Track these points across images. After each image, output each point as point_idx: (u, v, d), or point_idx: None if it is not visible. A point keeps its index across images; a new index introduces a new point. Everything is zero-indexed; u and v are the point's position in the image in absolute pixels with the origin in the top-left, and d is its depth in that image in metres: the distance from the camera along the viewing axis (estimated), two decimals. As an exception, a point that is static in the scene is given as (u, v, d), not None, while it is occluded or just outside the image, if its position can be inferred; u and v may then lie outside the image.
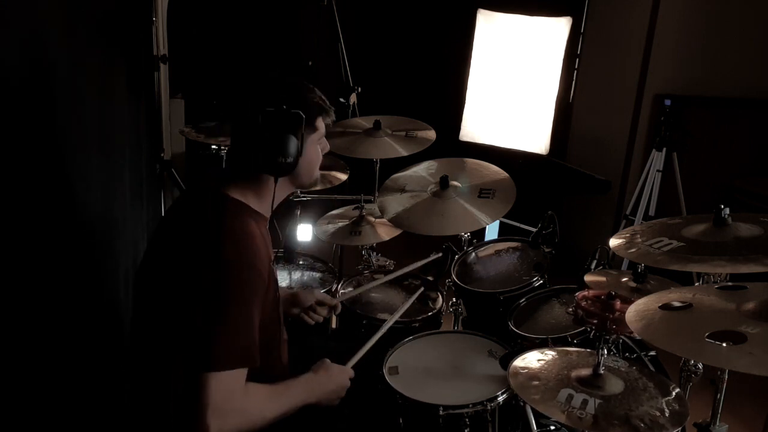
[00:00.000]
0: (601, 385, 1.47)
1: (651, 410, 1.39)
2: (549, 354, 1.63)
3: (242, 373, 1.38)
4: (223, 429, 1.34)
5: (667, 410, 1.39)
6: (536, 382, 1.50)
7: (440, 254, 2.33)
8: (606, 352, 1.53)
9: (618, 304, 1.65)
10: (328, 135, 2.69)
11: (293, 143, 1.47)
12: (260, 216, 1.54)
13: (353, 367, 1.70)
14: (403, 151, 2.58)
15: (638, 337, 1.74)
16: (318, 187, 2.68)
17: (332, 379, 1.61)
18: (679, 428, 1.38)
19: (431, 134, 2.68)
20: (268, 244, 1.55)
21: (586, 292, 1.73)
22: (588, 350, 1.65)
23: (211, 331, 1.34)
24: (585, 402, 1.41)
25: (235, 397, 1.36)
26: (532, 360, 1.61)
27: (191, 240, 1.43)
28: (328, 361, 1.64)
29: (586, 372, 1.51)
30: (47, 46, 1.71)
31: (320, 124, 1.57)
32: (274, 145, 1.46)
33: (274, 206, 1.57)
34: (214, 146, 2.90)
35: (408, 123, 2.76)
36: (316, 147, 1.59)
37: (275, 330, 1.59)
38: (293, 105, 1.48)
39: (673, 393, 1.45)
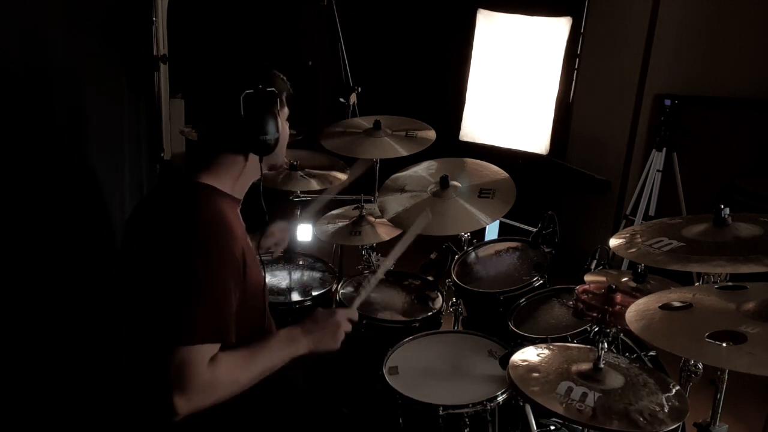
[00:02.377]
0: (601, 379, 1.47)
1: (651, 405, 1.39)
2: (548, 349, 1.63)
3: (209, 348, 1.38)
4: (192, 404, 1.34)
5: (666, 406, 1.39)
6: (536, 374, 1.51)
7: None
8: (606, 345, 1.53)
9: (619, 297, 1.65)
10: (329, 135, 2.71)
11: (274, 122, 1.50)
12: (232, 199, 1.55)
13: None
14: (403, 151, 2.58)
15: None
16: (318, 187, 2.67)
17: (321, 323, 1.58)
18: (679, 424, 1.38)
19: (431, 134, 2.68)
20: (242, 224, 1.56)
21: (586, 286, 1.73)
22: (588, 347, 1.65)
23: (179, 308, 1.35)
24: (584, 395, 1.41)
25: (201, 371, 1.35)
26: (531, 354, 1.61)
27: (165, 225, 1.44)
28: (320, 309, 1.62)
29: (586, 366, 1.51)
30: (47, 46, 1.71)
31: (286, 101, 1.58)
32: (259, 125, 1.48)
33: (245, 187, 1.57)
34: (209, 137, 2.89)
35: (408, 123, 2.76)
36: (285, 125, 1.59)
37: (258, 316, 1.58)
38: (267, 84, 1.50)
39: (673, 390, 1.45)
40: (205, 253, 1.39)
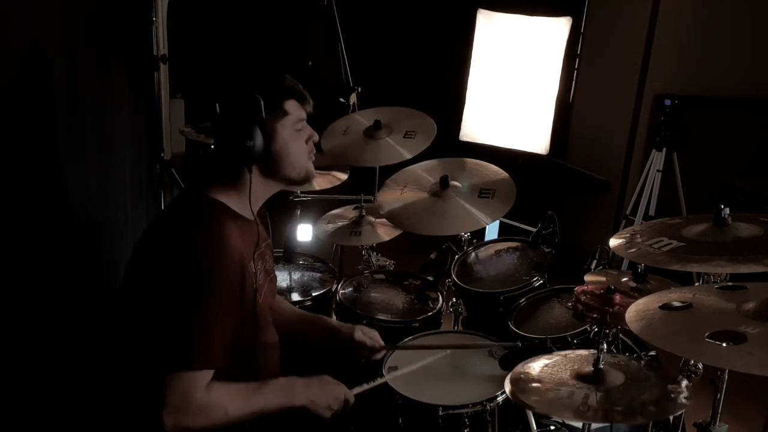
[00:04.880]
0: (602, 379, 1.47)
1: (654, 396, 1.38)
2: (548, 360, 1.63)
3: (202, 374, 1.38)
4: (179, 425, 1.34)
5: (670, 395, 1.39)
6: (536, 385, 1.51)
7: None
8: (605, 346, 1.53)
9: (618, 298, 1.65)
10: (329, 140, 2.70)
11: (254, 127, 1.45)
12: (241, 218, 1.53)
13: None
14: (405, 153, 2.57)
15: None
16: (318, 188, 2.67)
17: (323, 386, 1.58)
18: (681, 412, 1.38)
19: (431, 123, 2.63)
20: (250, 246, 1.52)
21: (585, 287, 1.73)
22: (586, 353, 1.64)
23: (172, 332, 1.36)
24: (586, 396, 1.41)
25: (195, 396, 1.36)
26: (532, 367, 1.61)
27: (164, 243, 1.43)
28: (328, 376, 1.61)
29: (586, 369, 1.51)
30: (47, 46, 1.71)
31: (291, 108, 1.53)
32: (234, 130, 1.45)
33: (254, 203, 1.53)
34: (214, 146, 2.89)
35: (407, 116, 2.73)
36: (292, 133, 1.53)
37: (254, 335, 1.57)
38: (251, 89, 1.47)
39: (675, 379, 1.45)
40: (201, 279, 1.37)
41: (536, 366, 1.59)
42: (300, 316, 1.89)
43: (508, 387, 1.50)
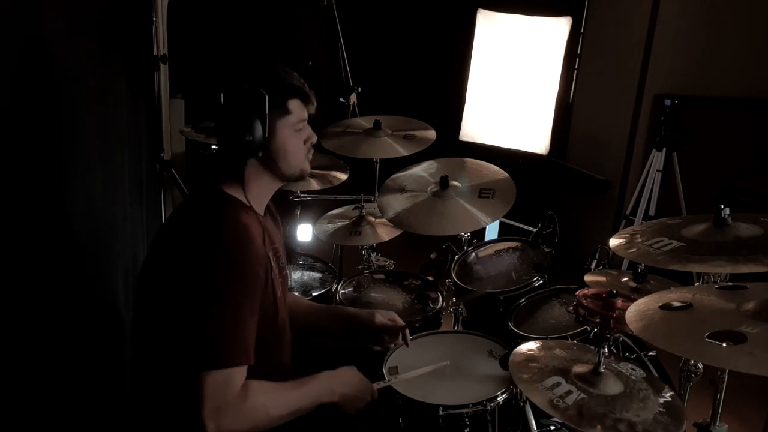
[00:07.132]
0: (595, 383, 1.47)
1: (634, 418, 1.37)
2: (560, 347, 1.65)
3: (238, 371, 1.37)
4: (221, 428, 1.33)
5: (653, 424, 1.37)
6: (533, 364, 1.52)
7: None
8: (607, 350, 1.53)
9: (619, 302, 1.65)
10: (329, 135, 2.71)
11: (256, 122, 1.45)
12: (255, 212, 1.54)
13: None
14: (403, 151, 2.58)
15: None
16: (318, 187, 2.68)
17: (357, 381, 1.59)
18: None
19: (431, 134, 2.68)
20: (268, 241, 1.53)
21: (586, 291, 1.73)
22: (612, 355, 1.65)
23: (204, 330, 1.34)
24: (568, 393, 1.42)
25: (232, 396, 1.35)
26: (540, 347, 1.63)
27: (188, 239, 1.43)
28: (362, 375, 1.62)
29: (586, 368, 1.52)
30: (47, 46, 1.71)
31: (295, 107, 1.53)
32: (236, 124, 1.45)
33: (258, 197, 1.55)
34: (214, 146, 2.90)
35: (408, 123, 2.76)
36: (292, 133, 1.53)
37: (275, 329, 1.58)
38: (257, 84, 1.46)
39: (669, 407, 1.44)
40: (231, 275, 1.37)
41: (547, 349, 1.62)
42: (318, 308, 1.91)
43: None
